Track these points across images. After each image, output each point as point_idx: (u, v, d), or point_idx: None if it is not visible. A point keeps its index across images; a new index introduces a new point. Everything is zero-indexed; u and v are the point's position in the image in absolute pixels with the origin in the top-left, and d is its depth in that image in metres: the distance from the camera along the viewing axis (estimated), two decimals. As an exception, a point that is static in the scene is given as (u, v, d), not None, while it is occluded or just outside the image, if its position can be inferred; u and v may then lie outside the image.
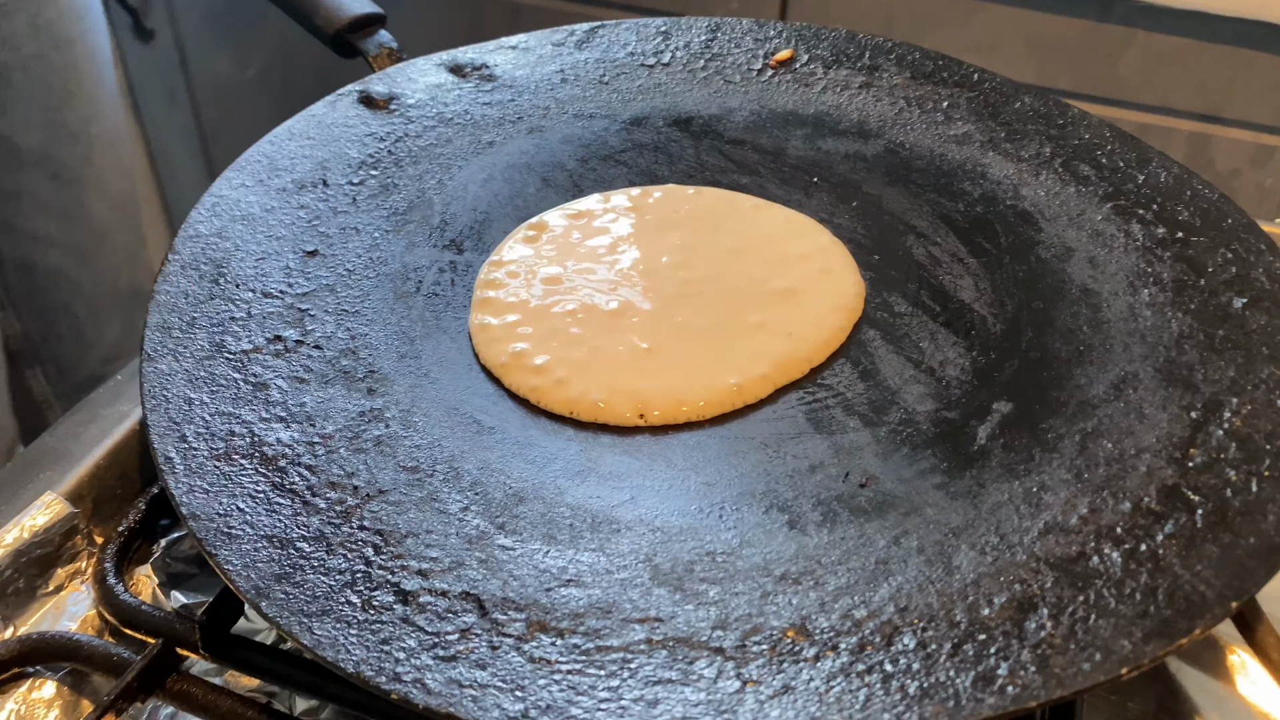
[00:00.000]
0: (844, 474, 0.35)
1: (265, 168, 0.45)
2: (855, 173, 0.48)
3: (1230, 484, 0.32)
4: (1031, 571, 0.30)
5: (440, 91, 0.51)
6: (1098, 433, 0.35)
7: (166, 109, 1.20)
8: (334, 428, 0.36)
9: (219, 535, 0.32)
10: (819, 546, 0.32)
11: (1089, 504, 0.33)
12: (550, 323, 0.41)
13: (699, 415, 0.37)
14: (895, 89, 0.51)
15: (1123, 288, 0.41)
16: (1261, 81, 0.83)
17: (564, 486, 0.34)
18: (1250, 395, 0.35)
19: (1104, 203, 0.45)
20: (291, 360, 0.38)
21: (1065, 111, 0.49)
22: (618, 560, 0.32)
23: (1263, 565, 0.30)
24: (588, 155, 0.49)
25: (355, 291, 0.41)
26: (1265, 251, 0.41)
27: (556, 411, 0.37)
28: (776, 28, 0.54)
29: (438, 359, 0.39)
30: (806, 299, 0.42)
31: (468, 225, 0.45)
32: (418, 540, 0.32)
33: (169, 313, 0.39)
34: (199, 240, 0.42)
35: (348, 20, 0.52)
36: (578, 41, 0.54)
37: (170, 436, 0.35)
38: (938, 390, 0.38)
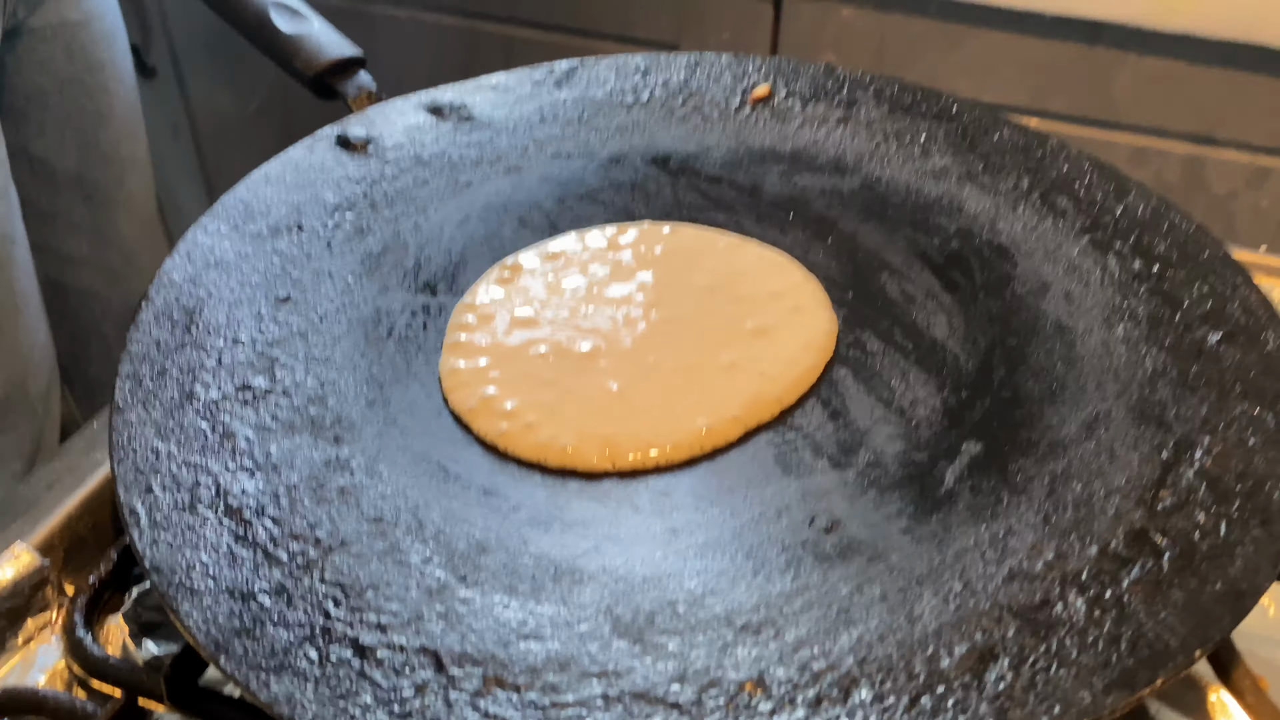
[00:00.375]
0: (810, 518, 0.35)
1: (241, 213, 0.45)
2: (831, 209, 0.48)
3: (1199, 527, 0.32)
4: (994, 620, 0.30)
5: (418, 133, 0.51)
6: (1067, 474, 0.35)
7: (169, 144, 1.21)
8: (299, 478, 0.36)
9: (181, 589, 0.32)
10: (781, 595, 0.32)
11: (1055, 549, 0.32)
12: (521, 366, 0.41)
13: (667, 459, 0.37)
14: (873, 123, 0.51)
15: (1098, 323, 0.41)
16: (1255, 103, 0.82)
17: (528, 535, 0.34)
18: (1222, 434, 0.35)
19: (1081, 236, 0.45)
20: (259, 409, 0.38)
21: (1044, 143, 0.49)
22: (579, 612, 0.31)
23: (1228, 612, 0.29)
24: (565, 194, 0.49)
25: (326, 337, 0.41)
26: (1241, 285, 0.41)
27: (524, 457, 0.37)
28: (755, 63, 0.54)
29: (407, 405, 0.39)
30: (779, 338, 0.42)
31: (442, 267, 0.45)
32: (378, 593, 0.32)
33: (140, 362, 0.39)
34: (173, 288, 0.42)
35: (327, 64, 0.53)
36: (557, 80, 0.54)
37: (136, 488, 0.35)
38: (907, 431, 0.38)
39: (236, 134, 1.18)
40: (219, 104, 1.17)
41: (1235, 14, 0.78)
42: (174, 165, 1.23)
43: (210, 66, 1.14)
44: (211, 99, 1.17)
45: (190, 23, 1.11)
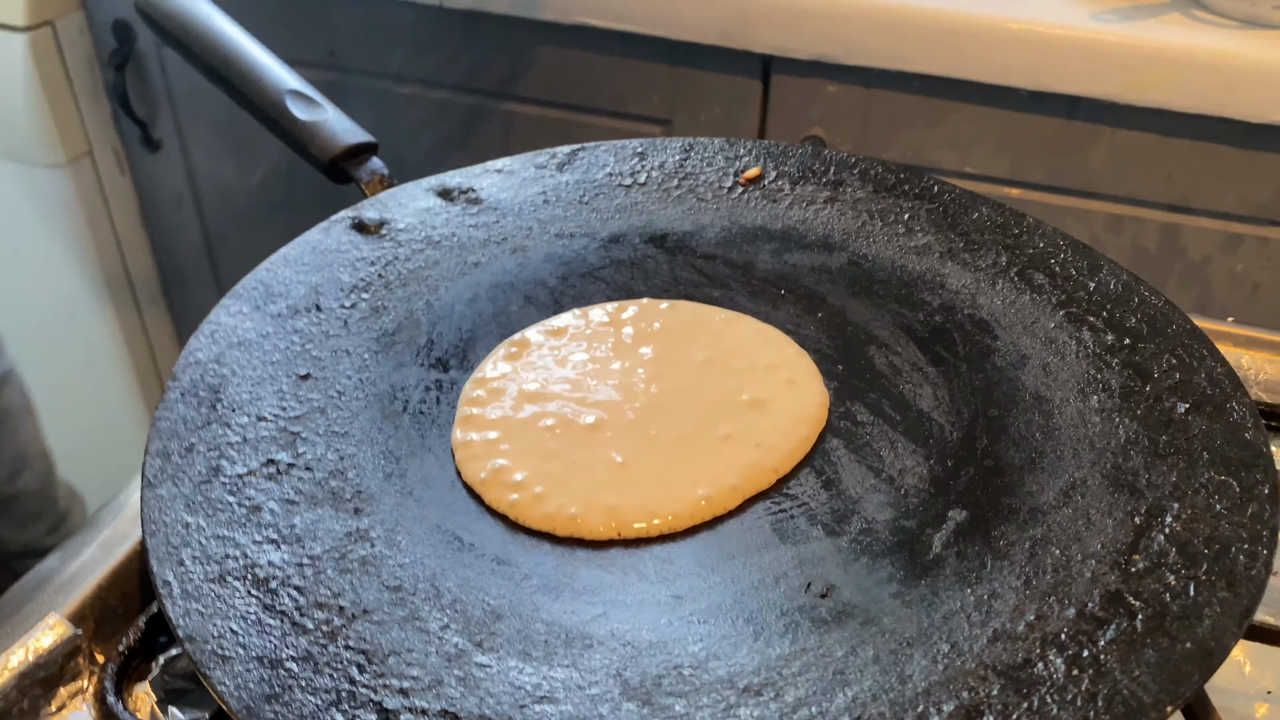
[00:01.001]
0: (806, 584, 0.37)
1: (262, 294, 0.48)
2: (821, 285, 0.50)
3: (1169, 588, 0.34)
4: (980, 679, 0.32)
5: (429, 215, 0.54)
6: (1047, 539, 0.37)
7: (174, 215, 1.25)
8: (322, 549, 0.38)
9: (213, 657, 0.34)
10: (781, 658, 0.34)
11: (1036, 610, 0.34)
12: (529, 438, 0.43)
13: (670, 528, 0.39)
14: (859, 202, 0.54)
15: (1074, 394, 0.43)
16: (1226, 173, 0.86)
17: (540, 603, 0.36)
18: (1191, 500, 0.37)
19: (1057, 310, 0.47)
20: (283, 483, 0.40)
21: (1021, 221, 0.52)
22: (589, 676, 0.33)
23: (1198, 669, 0.31)
24: (568, 273, 0.52)
25: (345, 413, 0.43)
26: (1207, 356, 0.43)
27: (534, 526, 0.39)
28: (746, 146, 0.57)
29: (422, 477, 0.41)
30: (773, 410, 0.44)
31: (453, 344, 0.48)
32: (399, 659, 0.34)
33: (168, 439, 0.41)
34: (198, 367, 0.44)
35: (341, 149, 0.56)
36: (559, 164, 0.57)
37: (169, 561, 0.37)
38: (896, 499, 0.40)
39: (239, 205, 1.21)
40: (222, 176, 1.20)
41: (1204, 90, 0.82)
42: (178, 236, 1.26)
43: (214, 140, 1.18)
44: (215, 171, 1.20)
45: (195, 99, 1.15)
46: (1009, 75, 0.86)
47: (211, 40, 0.61)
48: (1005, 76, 0.86)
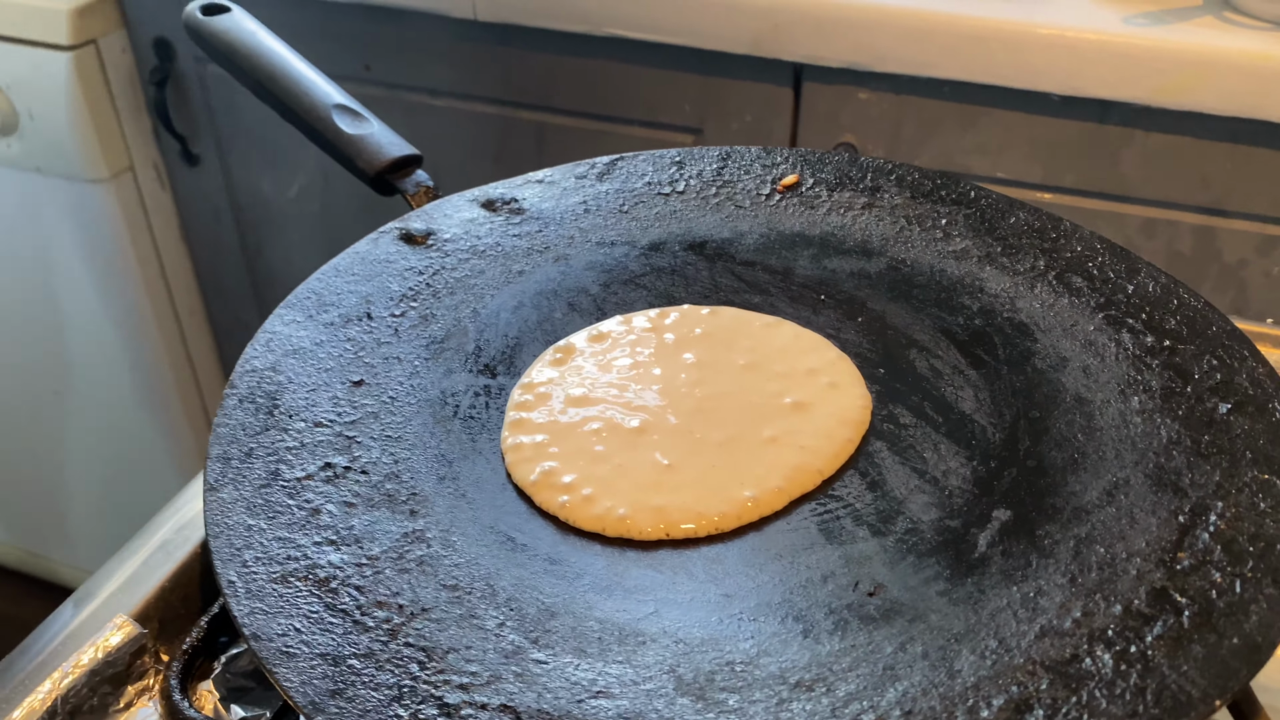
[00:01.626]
0: (854, 583, 0.37)
1: (314, 304, 0.49)
2: (860, 290, 0.51)
3: (1215, 586, 0.35)
4: (1028, 674, 0.33)
5: (474, 226, 0.55)
6: (1091, 538, 0.37)
7: (213, 228, 1.27)
8: (380, 549, 0.39)
9: (279, 654, 0.35)
10: (831, 654, 0.34)
11: (1082, 607, 0.35)
12: (577, 441, 0.44)
13: (717, 528, 0.40)
14: (896, 208, 0.55)
15: (1114, 396, 0.44)
16: (1261, 175, 0.86)
17: (593, 601, 0.37)
18: (1234, 499, 0.38)
19: (1096, 313, 0.48)
20: (341, 486, 0.41)
21: (1058, 225, 0.53)
22: (644, 672, 0.34)
23: (1245, 664, 0.32)
24: (610, 280, 0.53)
25: (398, 418, 0.44)
26: (1248, 357, 0.44)
27: (584, 528, 0.40)
28: (783, 154, 0.58)
29: (474, 480, 0.42)
30: (816, 413, 0.45)
31: (500, 350, 0.49)
32: (458, 655, 0.35)
33: (228, 444, 0.42)
34: (254, 375, 0.45)
35: (387, 162, 0.57)
36: (599, 174, 0.58)
37: (233, 562, 0.38)
38: (941, 499, 0.40)
39: (277, 218, 1.23)
40: (260, 190, 1.22)
41: (1237, 92, 0.82)
42: (217, 249, 1.29)
43: (252, 154, 1.20)
44: (253, 185, 1.22)
45: (234, 114, 1.17)
46: (1040, 80, 0.86)
47: (259, 58, 0.62)
48: (1036, 81, 0.87)
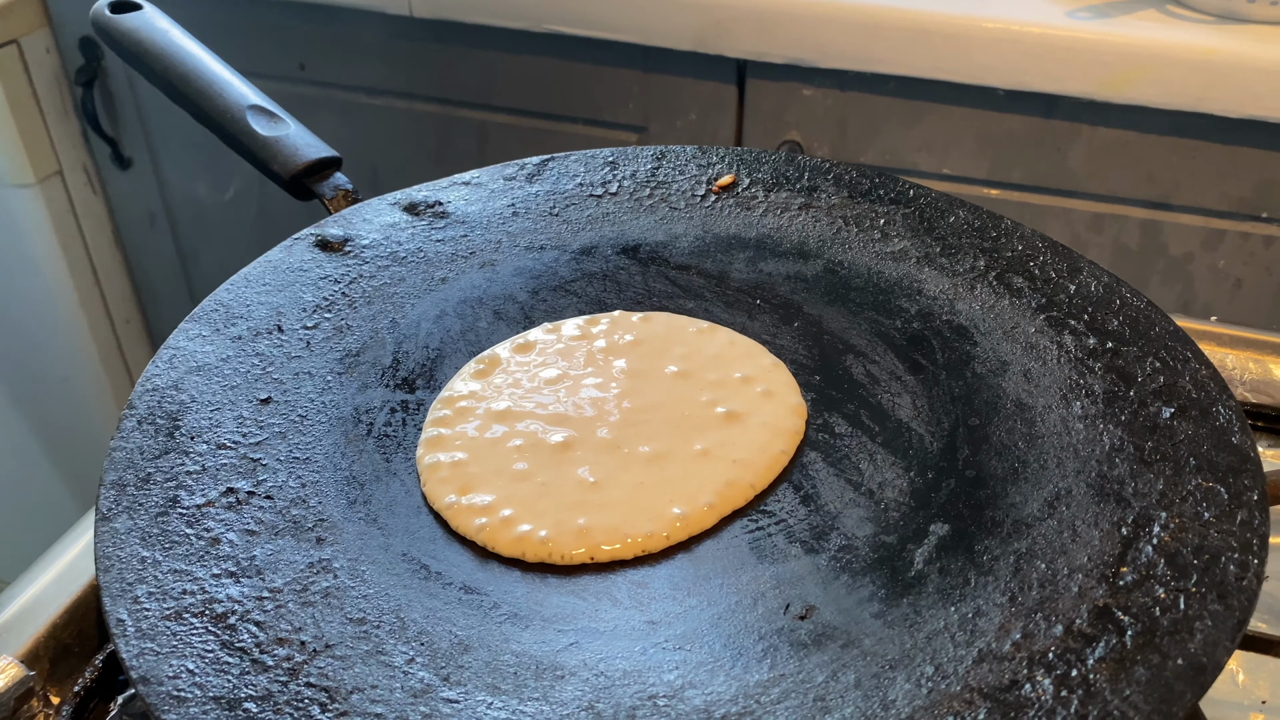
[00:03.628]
0: (785, 606, 0.35)
1: (222, 316, 0.46)
2: (796, 293, 0.49)
3: (1159, 602, 0.33)
4: (965, 703, 0.31)
5: (394, 230, 0.52)
6: (1032, 553, 0.36)
7: (146, 233, 1.23)
8: (283, 581, 0.36)
9: (168, 699, 0.32)
10: (759, 684, 0.33)
11: (1022, 629, 0.33)
12: (498, 459, 0.42)
13: (643, 550, 0.38)
14: (833, 209, 0.53)
15: (1056, 401, 0.42)
16: (1206, 169, 0.85)
17: (509, 632, 0.35)
18: (1179, 509, 0.36)
19: (1037, 314, 0.46)
20: (243, 512, 0.38)
21: (998, 224, 0.51)
22: (561, 709, 0.32)
23: (1190, 687, 0.30)
24: (539, 287, 0.50)
25: (307, 438, 0.42)
26: (1191, 359, 0.42)
27: (502, 552, 0.38)
28: (719, 153, 0.56)
29: (387, 503, 0.40)
30: (750, 424, 0.43)
31: (420, 363, 0.46)
32: (363, 696, 0.32)
33: (124, 469, 0.40)
34: (155, 394, 0.43)
35: (303, 165, 0.54)
36: (528, 175, 0.56)
37: (123, 598, 0.35)
38: (876, 514, 0.39)
39: (212, 221, 1.20)
40: (195, 192, 1.19)
41: (1182, 86, 0.81)
42: (151, 253, 1.25)
43: (186, 157, 1.16)
44: (187, 188, 1.19)
45: (166, 115, 1.14)
46: (985, 75, 0.85)
47: (170, 57, 0.59)
48: (982, 76, 0.85)
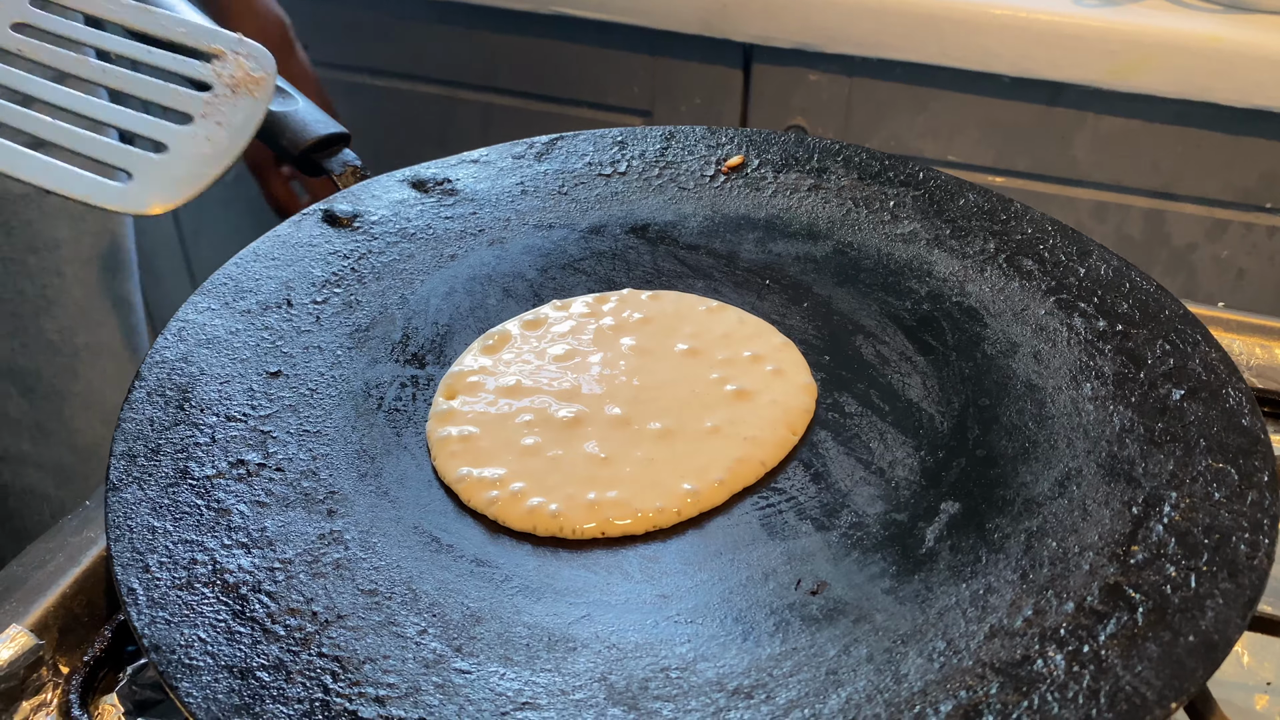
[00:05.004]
0: (796, 581, 0.35)
1: (231, 290, 0.46)
2: (806, 274, 0.49)
3: (1170, 580, 0.33)
4: (977, 677, 0.31)
5: (403, 207, 0.52)
6: (1042, 531, 0.36)
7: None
8: (294, 552, 0.36)
9: (180, 667, 0.32)
10: (771, 658, 0.33)
11: (1034, 605, 0.33)
12: (508, 434, 0.42)
13: (654, 525, 0.38)
14: (843, 190, 0.53)
15: (1066, 382, 0.42)
16: (1210, 159, 0.85)
17: (521, 605, 0.35)
18: (1189, 489, 0.36)
19: (1047, 297, 0.46)
20: (254, 484, 0.38)
21: (1008, 207, 0.51)
22: (573, 680, 0.32)
23: (1201, 663, 0.30)
24: (548, 265, 0.50)
25: (317, 411, 0.42)
26: (1201, 342, 0.42)
27: (513, 526, 0.38)
28: (728, 134, 0.56)
29: (398, 476, 0.40)
30: (760, 401, 0.43)
31: (429, 339, 0.46)
32: (375, 666, 0.32)
33: (134, 440, 0.39)
34: (165, 366, 0.42)
35: (313, 140, 0.54)
36: (537, 154, 0.56)
37: (134, 567, 0.35)
38: (887, 492, 0.39)
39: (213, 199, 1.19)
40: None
41: (1187, 74, 0.81)
42: (152, 233, 1.24)
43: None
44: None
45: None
46: (991, 62, 0.85)
47: (178, 30, 0.59)
48: (988, 63, 0.85)
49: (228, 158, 0.41)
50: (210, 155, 0.40)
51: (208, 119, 0.40)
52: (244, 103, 0.41)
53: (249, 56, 0.42)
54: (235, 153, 0.41)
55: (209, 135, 0.39)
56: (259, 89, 0.42)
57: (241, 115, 0.41)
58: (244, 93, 0.41)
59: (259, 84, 0.42)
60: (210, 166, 0.40)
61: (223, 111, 0.41)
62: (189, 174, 0.40)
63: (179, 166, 0.40)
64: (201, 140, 0.40)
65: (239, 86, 0.41)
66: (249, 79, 0.41)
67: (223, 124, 0.40)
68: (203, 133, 0.40)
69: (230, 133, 0.40)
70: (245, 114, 0.41)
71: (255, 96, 0.41)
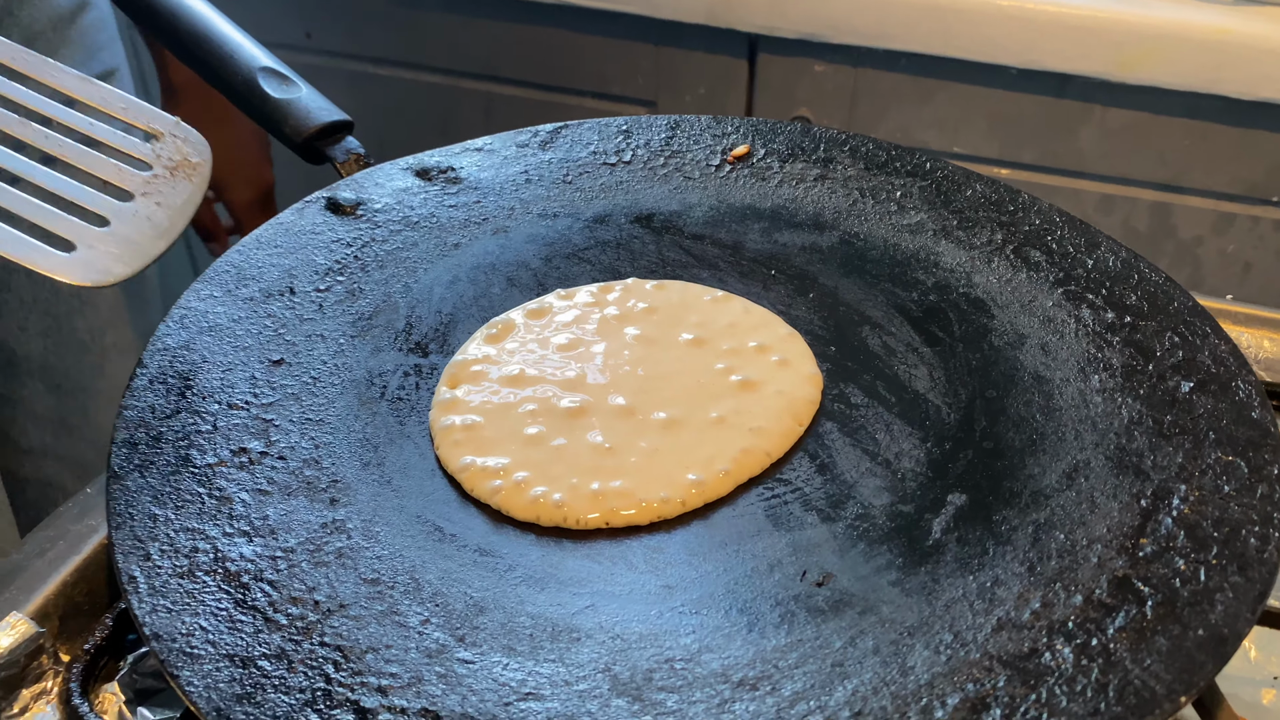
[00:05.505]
0: (801, 572, 0.35)
1: (233, 277, 0.46)
2: (812, 264, 0.49)
3: (1179, 574, 0.33)
4: (985, 670, 0.31)
5: (407, 195, 0.52)
6: (1050, 524, 0.36)
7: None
8: (296, 541, 0.36)
9: (181, 655, 0.32)
10: (776, 650, 0.32)
11: (1041, 598, 0.33)
12: (511, 424, 0.41)
13: (659, 515, 0.38)
14: (849, 180, 0.53)
15: (1074, 374, 0.42)
16: (1218, 151, 0.85)
17: (525, 595, 0.35)
18: (1198, 482, 0.36)
19: (1055, 288, 0.46)
20: (255, 472, 0.38)
21: (1015, 198, 0.51)
22: (577, 671, 0.32)
23: (1211, 657, 0.30)
24: (552, 254, 0.50)
25: (320, 399, 0.42)
26: (1210, 334, 0.42)
27: (516, 516, 0.38)
28: (734, 123, 0.56)
29: (401, 465, 0.40)
30: (765, 392, 0.42)
31: (433, 328, 0.46)
32: (378, 656, 0.32)
33: (135, 428, 0.39)
34: (166, 353, 0.42)
35: (315, 128, 0.54)
36: (541, 142, 0.55)
37: (135, 555, 0.35)
38: (893, 483, 0.38)
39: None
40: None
41: (1195, 66, 0.81)
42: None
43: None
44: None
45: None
46: (998, 53, 0.85)
47: (182, 17, 0.59)
48: (994, 54, 0.85)
49: (167, 238, 0.41)
50: (151, 235, 0.40)
51: (148, 198, 0.41)
52: (182, 185, 0.41)
53: (186, 141, 0.42)
54: (174, 235, 0.42)
55: (149, 215, 0.40)
56: (196, 174, 0.42)
57: (180, 197, 0.41)
58: (182, 176, 0.41)
59: (196, 169, 0.42)
60: (151, 245, 0.41)
61: (162, 192, 0.41)
62: (131, 251, 0.40)
63: (120, 243, 0.40)
64: (143, 219, 0.40)
65: (177, 169, 0.41)
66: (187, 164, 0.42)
67: (162, 204, 0.40)
68: (144, 211, 0.40)
69: (169, 214, 0.41)
70: (184, 196, 0.42)
71: (192, 182, 0.42)
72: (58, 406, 0.70)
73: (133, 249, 0.39)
